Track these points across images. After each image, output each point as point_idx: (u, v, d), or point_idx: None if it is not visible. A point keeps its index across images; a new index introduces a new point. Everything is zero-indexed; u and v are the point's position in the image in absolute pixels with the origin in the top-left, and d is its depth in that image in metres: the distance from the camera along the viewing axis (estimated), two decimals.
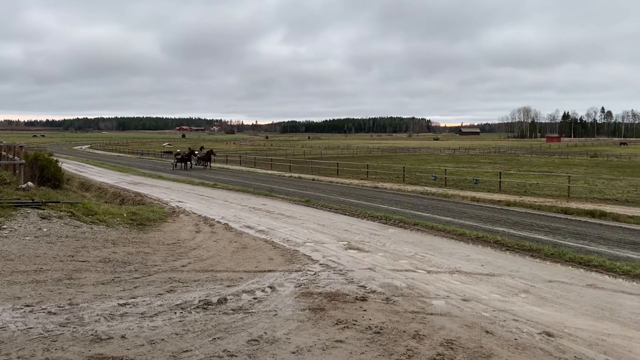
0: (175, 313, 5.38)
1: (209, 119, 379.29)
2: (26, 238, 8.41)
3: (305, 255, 8.58)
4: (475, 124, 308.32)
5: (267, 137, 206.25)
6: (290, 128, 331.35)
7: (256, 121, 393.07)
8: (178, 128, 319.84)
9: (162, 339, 4.64)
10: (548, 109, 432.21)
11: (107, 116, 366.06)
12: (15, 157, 15.85)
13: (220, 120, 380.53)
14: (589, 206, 16.85)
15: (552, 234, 12.29)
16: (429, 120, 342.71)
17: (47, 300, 5.61)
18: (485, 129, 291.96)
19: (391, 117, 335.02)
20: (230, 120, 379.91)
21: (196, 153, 39.76)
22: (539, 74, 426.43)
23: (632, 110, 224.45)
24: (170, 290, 6.26)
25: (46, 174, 15.80)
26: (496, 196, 20.10)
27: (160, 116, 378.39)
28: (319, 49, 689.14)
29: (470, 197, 19.77)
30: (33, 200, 10.81)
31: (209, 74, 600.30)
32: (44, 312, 5.19)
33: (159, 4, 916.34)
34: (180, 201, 16.21)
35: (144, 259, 7.91)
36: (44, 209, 10.21)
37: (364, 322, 5.26)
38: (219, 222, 11.94)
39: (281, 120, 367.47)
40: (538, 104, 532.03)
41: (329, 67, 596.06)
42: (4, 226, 8.84)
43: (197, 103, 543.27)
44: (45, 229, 9.09)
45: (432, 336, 4.94)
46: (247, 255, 8.52)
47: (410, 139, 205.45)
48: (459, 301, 6.15)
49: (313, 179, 29.11)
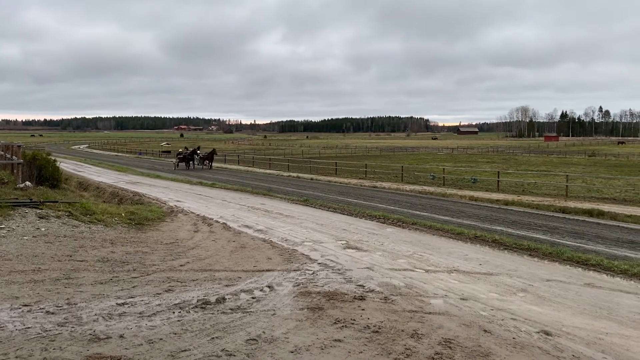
0: (173, 312, 5.38)
1: (207, 118, 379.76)
2: (24, 238, 8.40)
3: (303, 254, 8.58)
4: (474, 124, 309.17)
5: (266, 137, 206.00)
6: (289, 127, 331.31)
7: (254, 120, 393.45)
8: (176, 127, 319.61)
9: (161, 339, 4.64)
10: (546, 108, 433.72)
11: (105, 115, 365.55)
12: (13, 157, 15.83)
13: (219, 119, 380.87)
14: (587, 205, 16.88)
15: (550, 233, 12.32)
16: (428, 120, 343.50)
17: (45, 299, 5.60)
18: (484, 129, 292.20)
19: (389, 117, 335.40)
20: (229, 120, 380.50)
21: (198, 153, 39.14)
22: (537, 74, 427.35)
23: (630, 109, 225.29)
24: (169, 289, 6.25)
25: (44, 174, 15.78)
26: (494, 195, 20.13)
27: (159, 116, 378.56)
28: (317, 48, 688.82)
29: (468, 197, 19.79)
30: (31, 199, 10.79)
31: (208, 73, 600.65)
32: (42, 312, 5.19)
33: (158, 4, 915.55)
34: (178, 200, 16.20)
35: (142, 259, 7.90)
36: (42, 209, 10.20)
37: (363, 322, 5.26)
38: (217, 222, 11.93)
39: (279, 119, 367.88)
40: (536, 103, 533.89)
41: (327, 67, 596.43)
42: (2, 226, 8.83)
43: (196, 102, 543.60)
44: (43, 229, 9.08)
45: (431, 335, 4.95)
46: (246, 255, 8.51)
47: (409, 138, 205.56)
48: (457, 300, 6.16)
49: (311, 179, 29.10)
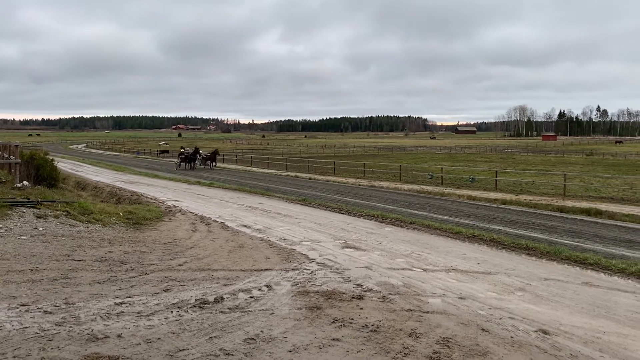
0: (171, 312, 5.37)
1: (205, 117, 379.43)
2: (22, 237, 8.38)
3: (301, 254, 8.58)
4: (472, 123, 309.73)
5: (264, 136, 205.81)
6: (287, 127, 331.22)
7: (252, 120, 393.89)
8: (174, 127, 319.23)
9: (159, 338, 4.64)
10: (544, 108, 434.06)
11: (103, 115, 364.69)
12: (11, 157, 15.80)
13: (217, 119, 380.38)
14: (584, 204, 16.91)
15: (548, 232, 12.33)
16: (426, 119, 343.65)
17: (43, 299, 5.60)
18: (482, 128, 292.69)
19: (388, 116, 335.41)
20: (227, 119, 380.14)
21: (200, 152, 38.93)
22: (535, 73, 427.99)
23: (628, 108, 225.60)
24: (167, 289, 6.25)
25: (42, 173, 15.76)
26: (492, 195, 20.15)
27: (157, 115, 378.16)
28: (316, 47, 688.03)
29: (466, 196, 19.81)
30: (29, 199, 10.77)
31: (206, 72, 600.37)
32: (40, 312, 5.18)
33: (156, 3, 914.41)
34: (176, 200, 16.19)
35: (140, 258, 7.89)
36: (39, 208, 10.18)
37: (361, 321, 5.27)
38: (215, 221, 11.93)
39: (278, 119, 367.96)
40: (534, 102, 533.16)
41: (325, 66, 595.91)
42: (0, 225, 8.81)
43: (194, 102, 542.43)
44: (41, 228, 9.06)
45: (429, 334, 4.96)
46: (244, 254, 8.51)
47: (407, 137, 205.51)
48: (455, 299, 6.17)
49: (310, 178, 29.09)
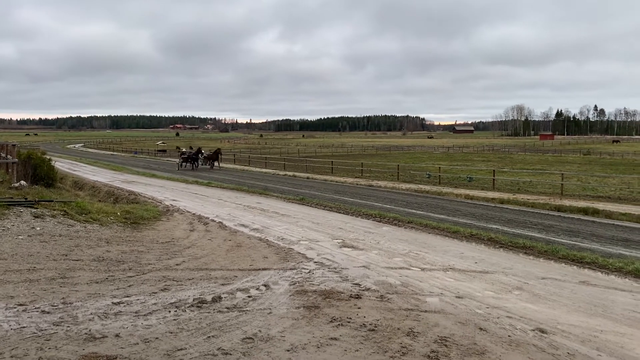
0: (169, 311, 5.37)
1: (203, 117, 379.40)
2: (19, 237, 8.36)
3: (299, 253, 8.58)
4: (469, 122, 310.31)
5: (262, 136, 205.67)
6: (285, 126, 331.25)
7: (250, 119, 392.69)
8: (172, 126, 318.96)
9: (157, 338, 4.63)
10: (541, 107, 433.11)
11: (101, 114, 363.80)
12: (8, 156, 15.75)
13: (214, 118, 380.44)
14: (582, 204, 16.96)
15: (546, 231, 12.36)
16: (423, 119, 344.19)
17: (41, 299, 5.59)
18: (479, 127, 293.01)
19: (385, 116, 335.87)
20: (224, 119, 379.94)
21: (202, 152, 38.70)
22: (533, 72, 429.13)
23: (625, 108, 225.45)
24: (165, 288, 6.24)
25: (39, 173, 15.73)
26: (490, 194, 20.18)
27: (154, 114, 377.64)
28: (314, 47, 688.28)
29: (464, 195, 19.84)
30: (26, 199, 10.74)
31: (203, 72, 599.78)
32: (37, 311, 5.17)
33: (154, 2, 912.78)
34: (174, 200, 16.17)
35: (138, 258, 7.88)
36: (37, 208, 10.15)
37: (359, 320, 5.27)
38: (213, 221, 11.92)
39: (275, 118, 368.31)
40: (532, 102, 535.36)
41: (323, 66, 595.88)
42: None
43: (191, 101, 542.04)
44: (38, 228, 9.04)
45: (426, 333, 4.96)
46: (242, 254, 8.51)
47: (405, 137, 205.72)
48: (452, 298, 6.18)
49: (307, 178, 29.09)
